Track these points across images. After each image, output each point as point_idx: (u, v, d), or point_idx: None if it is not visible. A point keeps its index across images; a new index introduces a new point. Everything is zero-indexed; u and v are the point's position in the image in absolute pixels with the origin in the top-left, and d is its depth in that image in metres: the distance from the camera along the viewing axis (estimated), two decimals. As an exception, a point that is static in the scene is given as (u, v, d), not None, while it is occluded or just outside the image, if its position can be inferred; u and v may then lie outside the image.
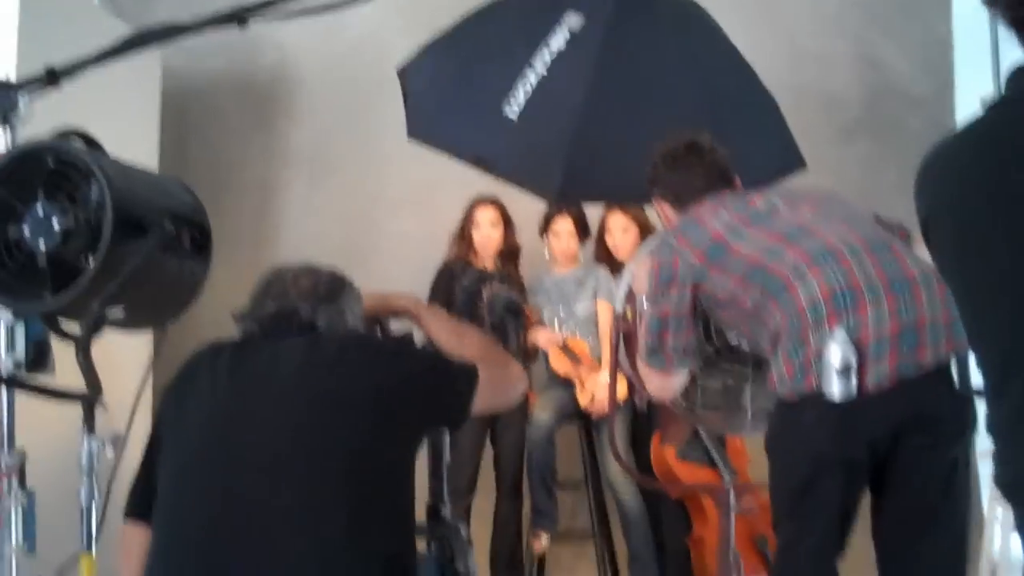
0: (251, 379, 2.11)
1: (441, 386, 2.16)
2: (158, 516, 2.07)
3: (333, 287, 2.26)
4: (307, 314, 2.20)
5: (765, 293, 2.50)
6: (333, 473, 1.99)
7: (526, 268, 4.93)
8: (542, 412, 4.64)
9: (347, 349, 2.14)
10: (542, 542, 4.66)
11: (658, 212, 2.88)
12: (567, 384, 4.66)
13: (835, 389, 2.33)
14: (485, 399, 2.22)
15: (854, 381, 2.32)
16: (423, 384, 2.13)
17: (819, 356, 2.35)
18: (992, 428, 1.33)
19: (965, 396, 2.43)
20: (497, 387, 2.28)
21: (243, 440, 2.03)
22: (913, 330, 2.36)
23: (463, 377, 2.20)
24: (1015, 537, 3.95)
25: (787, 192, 2.77)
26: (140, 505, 2.16)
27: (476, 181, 4.65)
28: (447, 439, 2.53)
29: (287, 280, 2.25)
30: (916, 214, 1.45)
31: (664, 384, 2.79)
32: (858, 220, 2.59)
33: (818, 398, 2.36)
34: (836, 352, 2.32)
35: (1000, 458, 1.32)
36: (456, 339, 2.34)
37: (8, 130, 2.70)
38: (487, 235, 4.75)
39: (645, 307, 2.85)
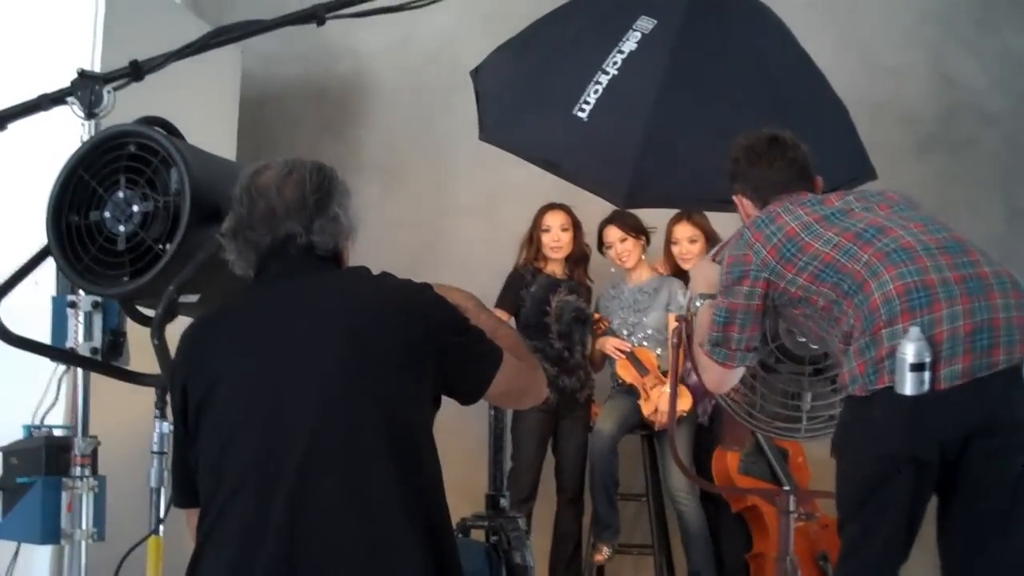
0: (283, 336, 2.07)
1: (467, 350, 2.12)
2: (211, 482, 2.04)
3: (321, 193, 2.14)
4: (302, 237, 2.12)
5: (838, 291, 2.50)
6: (372, 425, 1.99)
7: (601, 277, 4.94)
8: (605, 421, 4.63)
9: (384, 298, 2.10)
10: (604, 554, 4.64)
11: (738, 207, 2.88)
12: (631, 393, 4.66)
13: (908, 385, 2.31)
14: (503, 385, 2.16)
15: (927, 378, 2.31)
16: (450, 342, 2.10)
17: (892, 353, 2.34)
18: None
19: None
20: (518, 379, 2.21)
21: (289, 400, 2.01)
22: (988, 330, 2.34)
23: (490, 353, 2.15)
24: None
25: (863, 193, 2.76)
26: (192, 493, 2.12)
27: (542, 191, 4.72)
28: (507, 430, 2.54)
29: (271, 194, 2.12)
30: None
31: (722, 378, 2.79)
32: (933, 222, 2.58)
33: (890, 394, 2.34)
34: (910, 349, 2.30)
35: None
36: (491, 333, 2.23)
37: (93, 123, 2.79)
38: (556, 238, 4.77)
39: (697, 305, 2.85)
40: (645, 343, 4.70)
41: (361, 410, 2.01)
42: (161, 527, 2.64)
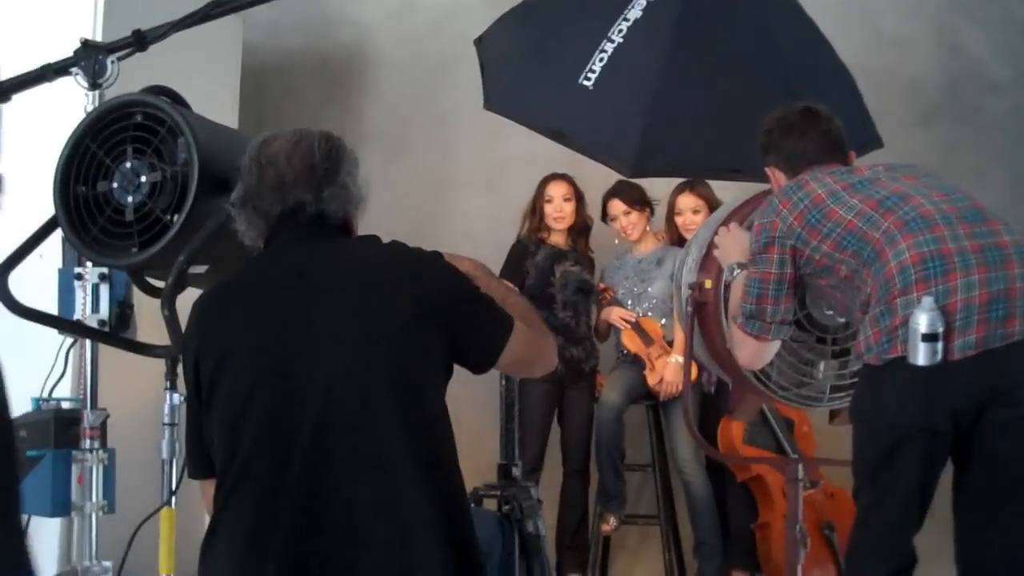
0: (295, 304, 2.07)
1: (478, 318, 2.13)
2: (226, 452, 2.04)
3: (330, 162, 2.15)
4: (312, 206, 2.12)
5: (859, 259, 2.50)
6: (385, 393, 2.00)
7: (607, 245, 4.93)
8: (611, 392, 4.63)
9: (395, 266, 2.12)
10: (611, 524, 4.65)
11: (770, 178, 2.86)
12: (637, 364, 4.65)
13: (920, 355, 2.31)
14: (515, 353, 2.16)
15: (940, 348, 2.30)
16: (462, 310, 2.11)
17: (906, 322, 2.34)
18: None
19: None
20: (529, 347, 2.21)
21: (302, 367, 2.02)
22: (1004, 300, 2.34)
23: (500, 321, 2.15)
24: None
25: (892, 164, 2.75)
26: (206, 464, 2.13)
27: (546, 162, 4.70)
28: (516, 399, 2.54)
29: (280, 163, 2.12)
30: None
31: (757, 352, 2.76)
32: (956, 191, 2.57)
33: (903, 364, 2.34)
34: (923, 318, 2.30)
35: None
36: (501, 301, 2.23)
37: (96, 93, 2.78)
38: (559, 208, 4.75)
39: (735, 274, 2.82)
40: (650, 313, 4.69)
41: (373, 378, 2.01)
42: (174, 499, 2.65)
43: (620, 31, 3.35)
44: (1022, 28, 5.11)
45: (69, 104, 2.85)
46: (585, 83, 3.29)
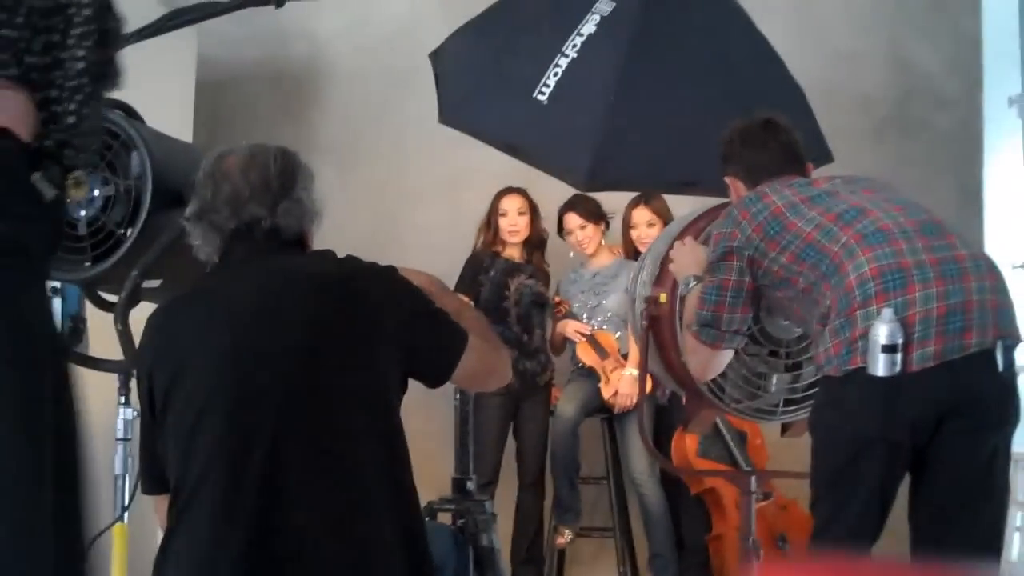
0: (250, 320, 2.08)
1: (432, 332, 2.15)
2: (180, 467, 2.03)
3: (285, 176, 2.16)
4: (267, 220, 2.12)
5: (817, 272, 2.53)
6: (339, 408, 2.02)
7: (563, 259, 4.95)
8: (566, 405, 4.65)
9: (350, 281, 2.13)
10: (565, 537, 4.66)
11: (730, 189, 2.88)
12: (592, 377, 4.67)
13: (879, 367, 2.34)
14: (469, 367, 2.18)
15: (899, 360, 2.34)
16: (416, 325, 2.12)
17: (865, 334, 2.37)
18: None
19: (1009, 383, 2.44)
20: (484, 361, 2.23)
21: (257, 382, 2.02)
22: (960, 312, 2.37)
23: (455, 335, 2.17)
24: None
25: (850, 177, 2.79)
26: (159, 480, 2.13)
27: (502, 175, 4.71)
28: (471, 413, 2.54)
29: (236, 178, 2.13)
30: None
31: (709, 360, 2.78)
32: (913, 205, 2.61)
33: (862, 375, 2.37)
34: (882, 330, 2.34)
35: None
36: (455, 315, 2.25)
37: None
38: (513, 222, 4.77)
39: (690, 287, 2.83)
40: (605, 326, 4.71)
41: (328, 393, 2.02)
42: (126, 515, 2.62)
43: (574, 46, 3.38)
44: (971, 43, 5.18)
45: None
46: (539, 97, 3.32)
